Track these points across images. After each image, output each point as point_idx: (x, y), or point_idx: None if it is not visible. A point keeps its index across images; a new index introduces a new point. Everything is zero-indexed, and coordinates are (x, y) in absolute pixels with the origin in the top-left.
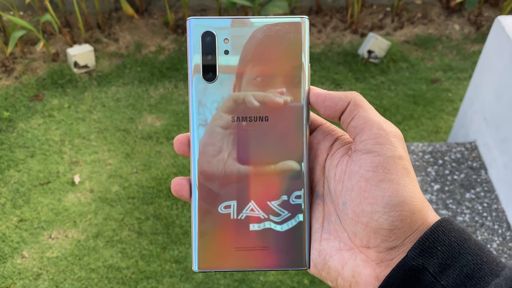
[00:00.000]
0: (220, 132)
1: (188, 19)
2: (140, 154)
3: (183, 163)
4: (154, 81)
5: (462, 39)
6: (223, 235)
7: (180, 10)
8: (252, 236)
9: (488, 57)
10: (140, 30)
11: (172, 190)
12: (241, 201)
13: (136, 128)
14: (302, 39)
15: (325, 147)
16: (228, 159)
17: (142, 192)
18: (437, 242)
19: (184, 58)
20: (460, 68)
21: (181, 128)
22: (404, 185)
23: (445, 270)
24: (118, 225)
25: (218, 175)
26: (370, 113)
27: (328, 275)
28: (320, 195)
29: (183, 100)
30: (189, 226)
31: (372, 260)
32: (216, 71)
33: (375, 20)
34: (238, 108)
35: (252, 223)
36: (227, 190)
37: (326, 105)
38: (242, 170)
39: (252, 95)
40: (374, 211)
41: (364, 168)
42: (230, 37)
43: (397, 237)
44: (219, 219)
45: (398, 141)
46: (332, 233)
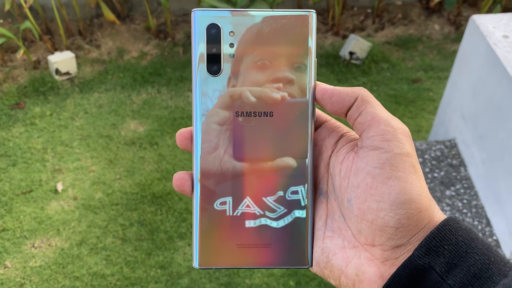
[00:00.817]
0: (216, 129)
1: (193, 11)
2: (123, 160)
3: (167, 168)
4: (136, 86)
5: (442, 38)
6: (222, 232)
7: (162, 15)
8: (251, 233)
9: (465, 56)
10: (122, 36)
11: (174, 185)
12: (237, 197)
13: (119, 134)
14: (308, 33)
15: (330, 143)
16: (224, 156)
17: (126, 198)
18: (444, 241)
19: (166, 63)
20: (441, 67)
21: (164, 133)
22: (412, 183)
23: (452, 269)
24: (102, 232)
25: (214, 172)
26: (378, 109)
27: (331, 274)
28: (324, 193)
29: (166, 105)
30: (174, 231)
31: (377, 259)
32: (221, 64)
33: (356, 21)
34: (235, 103)
35: (247, 219)
36: (223, 187)
37: (333, 101)
38: (238, 166)
39: (249, 90)
40: (380, 208)
41: (371, 165)
42: (236, 30)
43: (403, 235)
44: (216, 216)
45: (405, 138)
46: (335, 231)
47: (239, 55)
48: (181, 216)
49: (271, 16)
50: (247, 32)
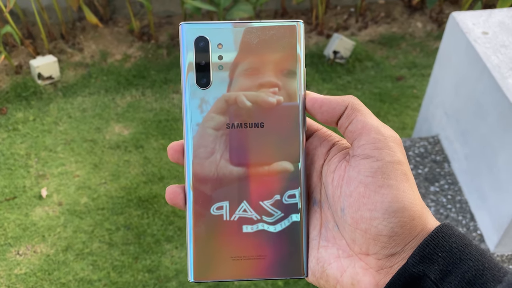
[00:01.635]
0: (211, 134)
1: (181, 24)
2: (109, 164)
3: (153, 171)
4: (120, 89)
5: (425, 36)
6: (218, 239)
7: (145, 17)
8: (248, 240)
9: (445, 53)
10: (105, 39)
11: (167, 198)
12: (234, 202)
13: (104, 138)
14: (297, 44)
15: (322, 152)
16: (220, 161)
17: (112, 203)
18: (438, 248)
19: (150, 65)
20: (424, 64)
21: (149, 136)
22: (404, 191)
23: (446, 276)
24: (88, 237)
25: (210, 178)
26: (368, 118)
27: (326, 283)
28: (317, 202)
29: (151, 108)
30: (161, 235)
31: (372, 268)
32: (210, 77)
33: (339, 21)
34: (230, 108)
35: (245, 224)
36: (219, 192)
37: (323, 110)
38: (235, 171)
39: (244, 95)
40: (373, 217)
41: (362, 174)
42: (224, 42)
43: (397, 243)
44: (213, 222)
45: (396, 146)
46: (330, 240)
47: (228, 67)
48: (167, 219)
49: (259, 27)
50: (236, 44)
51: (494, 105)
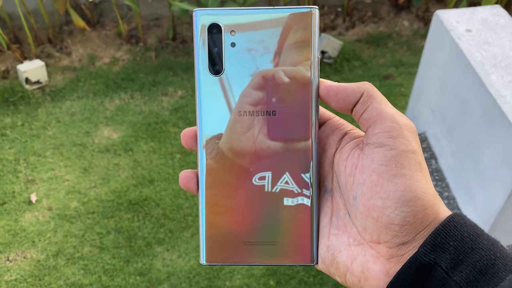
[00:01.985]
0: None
1: (195, 11)
2: (98, 168)
3: (143, 174)
4: (109, 93)
5: (411, 35)
6: (229, 225)
7: (133, 20)
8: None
9: (431, 51)
10: (93, 42)
11: (180, 183)
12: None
13: (93, 141)
14: (311, 31)
15: (334, 141)
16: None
17: (102, 206)
18: (449, 237)
19: (139, 68)
20: (411, 63)
21: (138, 139)
22: (417, 180)
23: (457, 265)
24: (79, 242)
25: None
26: (383, 105)
27: (336, 271)
28: (329, 190)
29: (140, 111)
30: (152, 237)
31: (382, 256)
32: (223, 64)
33: (327, 20)
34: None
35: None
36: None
37: (338, 98)
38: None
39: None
40: (385, 206)
41: (376, 162)
42: (237, 29)
43: (408, 232)
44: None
45: (411, 135)
46: (340, 228)
47: (240, 54)
48: (158, 222)
49: (273, 14)
50: (249, 30)
51: (478, 101)
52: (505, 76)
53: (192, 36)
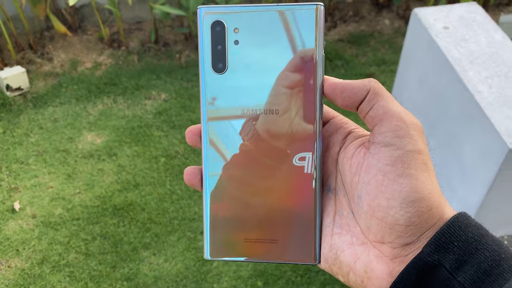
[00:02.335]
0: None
1: (199, 8)
2: (82, 173)
3: (127, 179)
4: (92, 98)
5: (393, 33)
6: (231, 222)
7: (114, 24)
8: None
9: (410, 48)
10: (75, 47)
11: (185, 179)
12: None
13: (76, 147)
14: (316, 27)
15: (338, 140)
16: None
17: (87, 212)
18: (454, 238)
19: (121, 72)
20: (393, 61)
21: (122, 143)
22: (423, 181)
23: (461, 266)
24: (64, 249)
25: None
26: (390, 103)
27: (339, 270)
28: (332, 189)
29: (123, 115)
30: (138, 242)
31: (386, 256)
32: (226, 61)
33: None
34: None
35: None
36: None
37: (344, 96)
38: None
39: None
40: (390, 206)
41: (382, 162)
42: (241, 26)
43: (413, 233)
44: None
45: (418, 134)
46: (344, 228)
47: (244, 51)
48: (144, 226)
49: (277, 10)
50: (253, 28)
51: (456, 97)
52: (482, 72)
53: (174, 39)
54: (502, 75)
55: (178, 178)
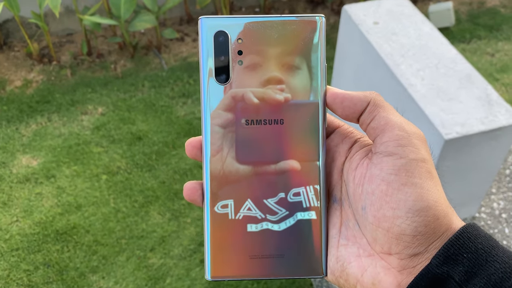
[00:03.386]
0: (218, 131)
1: (200, 18)
2: (19, 200)
3: (68, 201)
4: (24, 118)
5: (329, 29)
6: (229, 238)
7: (43, 38)
8: (257, 240)
9: (343, 45)
10: (1, 65)
11: (184, 194)
12: (238, 200)
13: (11, 172)
14: (318, 38)
15: (343, 149)
16: (227, 158)
17: (27, 241)
18: (463, 249)
19: (54, 88)
20: (330, 57)
21: (60, 163)
22: (428, 189)
23: (471, 278)
24: (4, 283)
25: (216, 175)
26: (391, 114)
27: (346, 283)
28: (338, 200)
29: (59, 133)
30: (85, 267)
31: (394, 267)
32: (229, 72)
33: None
34: (237, 105)
35: (249, 223)
36: (225, 190)
37: (344, 106)
38: (240, 169)
39: (251, 91)
40: (396, 216)
41: (385, 171)
42: (244, 37)
43: (420, 243)
44: (219, 220)
45: (421, 143)
46: (350, 239)
47: (247, 62)
48: (90, 249)
49: (280, 22)
50: (256, 38)
51: (391, 91)
52: (413, 64)
53: (108, 49)
54: (433, 66)
55: (123, 195)
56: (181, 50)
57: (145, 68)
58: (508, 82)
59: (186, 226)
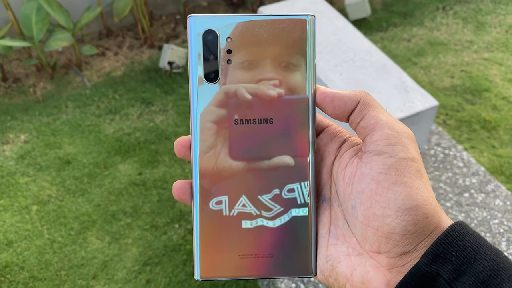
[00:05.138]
0: (211, 127)
1: (189, 17)
2: None
3: None
4: None
5: None
6: (220, 235)
7: None
8: (250, 237)
9: None
10: None
11: (174, 194)
12: (233, 196)
13: None
14: (308, 37)
15: (333, 149)
16: (220, 155)
17: None
18: (451, 247)
19: None
20: None
21: None
22: (417, 188)
23: (460, 276)
24: None
25: (210, 171)
26: (381, 113)
27: (336, 282)
28: (327, 199)
29: None
30: None
31: (383, 266)
32: (219, 71)
33: (168, 30)
34: (230, 101)
35: (244, 219)
36: (219, 186)
37: (334, 105)
38: (234, 165)
39: (244, 87)
40: (385, 215)
41: (375, 170)
42: (233, 36)
43: (409, 242)
44: (213, 216)
45: (410, 142)
46: (339, 238)
47: (236, 61)
48: (27, 287)
49: (269, 21)
50: (245, 37)
51: None
52: (331, 60)
53: (25, 72)
54: (349, 60)
55: (57, 224)
56: (103, 66)
57: (67, 88)
58: (425, 65)
59: (128, 247)
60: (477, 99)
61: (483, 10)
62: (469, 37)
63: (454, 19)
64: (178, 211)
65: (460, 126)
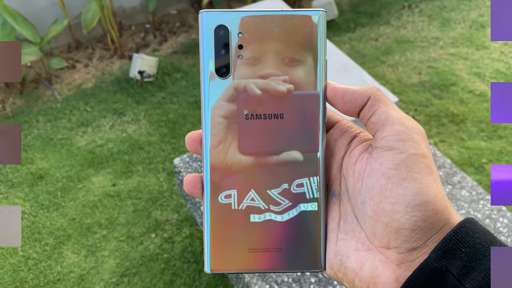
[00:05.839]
0: (221, 122)
1: (201, 12)
2: None
3: None
4: None
5: None
6: (230, 229)
7: None
8: (259, 231)
9: None
10: None
11: (185, 188)
12: (242, 190)
13: None
14: (319, 33)
15: (343, 144)
16: (230, 149)
17: None
18: (461, 244)
19: None
20: None
21: None
22: (427, 184)
23: (469, 272)
24: None
25: (219, 166)
26: (391, 109)
27: (344, 276)
28: (337, 194)
29: None
30: None
31: (392, 261)
32: (230, 66)
33: (137, 39)
34: (240, 96)
35: (252, 213)
36: (228, 180)
37: (345, 101)
38: (244, 160)
39: (254, 82)
40: (395, 210)
41: (385, 166)
42: (244, 31)
43: (419, 237)
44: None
45: (421, 138)
46: (349, 233)
47: (248, 56)
48: None
49: (281, 16)
50: (256, 32)
51: None
52: None
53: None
54: None
55: (31, 241)
56: (73, 78)
57: (37, 103)
58: (393, 63)
59: (104, 259)
60: (444, 94)
61: (448, 6)
62: (435, 33)
63: (419, 16)
64: (154, 221)
65: (429, 120)
